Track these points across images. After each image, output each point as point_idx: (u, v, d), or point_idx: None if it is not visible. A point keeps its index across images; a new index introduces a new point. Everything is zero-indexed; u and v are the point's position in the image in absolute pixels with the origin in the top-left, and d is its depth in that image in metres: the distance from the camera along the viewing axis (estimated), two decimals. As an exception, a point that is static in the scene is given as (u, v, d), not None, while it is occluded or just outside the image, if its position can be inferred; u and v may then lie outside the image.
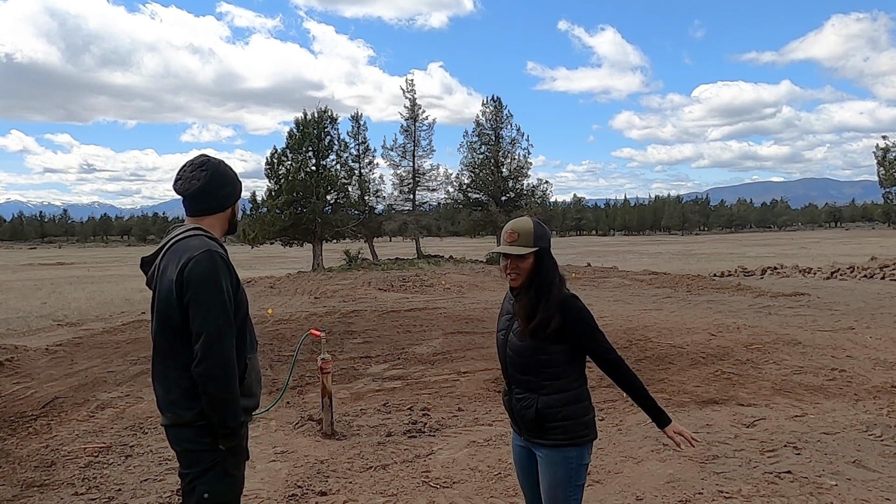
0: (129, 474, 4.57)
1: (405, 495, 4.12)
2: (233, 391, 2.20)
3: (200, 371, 2.15)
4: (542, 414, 2.38)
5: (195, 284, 2.18)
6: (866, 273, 20.23)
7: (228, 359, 2.18)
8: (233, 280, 2.29)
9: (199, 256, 2.21)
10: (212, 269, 2.21)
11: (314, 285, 20.83)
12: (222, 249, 2.32)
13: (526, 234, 2.39)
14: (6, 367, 7.96)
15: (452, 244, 65.86)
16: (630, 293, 16.46)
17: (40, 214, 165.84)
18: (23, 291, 22.40)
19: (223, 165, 2.44)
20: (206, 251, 2.23)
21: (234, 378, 2.21)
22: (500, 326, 2.57)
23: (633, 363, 7.75)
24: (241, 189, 2.51)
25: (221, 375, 2.16)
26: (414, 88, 38.06)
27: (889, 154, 34.34)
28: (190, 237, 2.31)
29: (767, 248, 51.40)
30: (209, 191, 2.38)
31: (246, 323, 2.37)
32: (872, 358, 7.73)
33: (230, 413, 2.20)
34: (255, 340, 2.48)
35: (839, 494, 3.91)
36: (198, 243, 2.26)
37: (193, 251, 2.23)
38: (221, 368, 2.16)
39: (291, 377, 6.50)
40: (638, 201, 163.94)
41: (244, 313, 2.36)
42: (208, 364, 2.15)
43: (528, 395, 2.43)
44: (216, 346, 2.16)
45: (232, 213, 2.49)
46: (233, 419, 2.21)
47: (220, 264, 2.23)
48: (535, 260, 2.40)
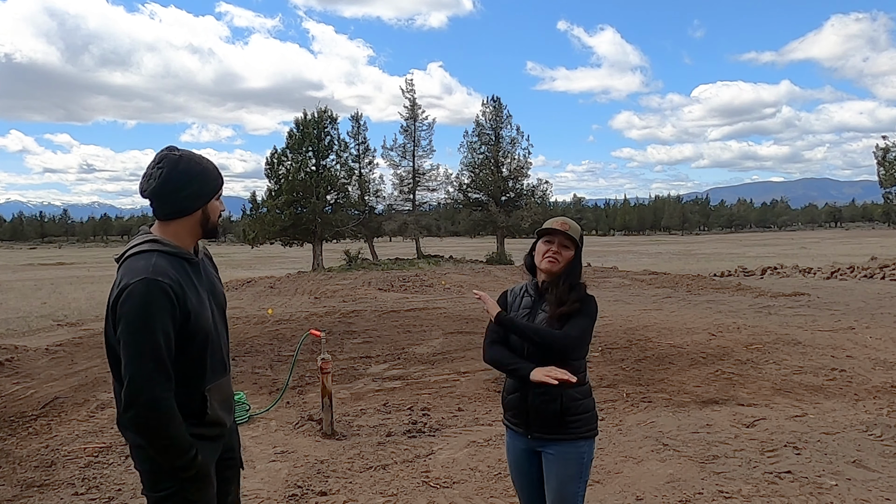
0: (129, 474, 4.57)
1: (405, 495, 4.12)
2: (168, 435, 1.98)
3: (128, 420, 1.97)
4: (567, 407, 2.43)
5: (124, 322, 1.94)
6: (866, 273, 20.22)
7: (158, 406, 1.95)
8: (177, 313, 1.99)
9: (134, 287, 1.93)
10: (144, 305, 1.93)
11: (314, 285, 20.83)
12: (173, 274, 2.01)
13: (575, 228, 2.58)
14: (6, 367, 7.96)
15: (452, 244, 65.85)
16: (630, 293, 16.46)
17: (40, 214, 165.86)
18: (23, 291, 22.40)
19: (185, 161, 2.08)
20: (143, 280, 1.94)
21: (169, 422, 1.97)
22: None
23: (633, 363, 7.76)
24: (214, 187, 2.15)
25: (154, 423, 1.95)
26: (414, 88, 38.14)
27: (889, 154, 34.34)
28: (139, 253, 2.03)
29: (767, 248, 51.40)
30: (166, 192, 2.05)
31: (204, 352, 2.11)
32: (872, 358, 7.73)
33: (171, 455, 2.01)
34: (225, 361, 2.26)
35: (839, 494, 3.91)
36: (142, 265, 1.98)
37: (132, 276, 1.95)
38: (151, 416, 1.95)
39: (291, 377, 6.51)
40: (638, 201, 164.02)
41: (203, 341, 2.10)
42: (135, 412, 1.94)
43: (552, 389, 2.43)
44: (142, 395, 1.93)
45: (203, 217, 2.14)
46: (176, 459, 2.01)
47: (155, 299, 1.94)
48: (574, 254, 2.57)
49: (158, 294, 1.95)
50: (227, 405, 2.26)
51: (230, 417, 2.29)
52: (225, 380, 2.26)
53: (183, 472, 2.05)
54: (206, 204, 2.14)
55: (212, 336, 2.15)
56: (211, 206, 2.16)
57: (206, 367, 2.13)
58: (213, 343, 2.16)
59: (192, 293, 2.07)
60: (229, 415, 2.28)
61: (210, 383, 2.15)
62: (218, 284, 2.33)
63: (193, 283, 2.11)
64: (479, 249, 43.44)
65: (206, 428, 2.14)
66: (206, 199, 2.13)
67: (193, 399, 2.10)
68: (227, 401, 2.26)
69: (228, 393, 2.29)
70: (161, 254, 2.04)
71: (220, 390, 2.21)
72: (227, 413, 2.25)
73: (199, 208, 2.13)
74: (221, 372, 2.23)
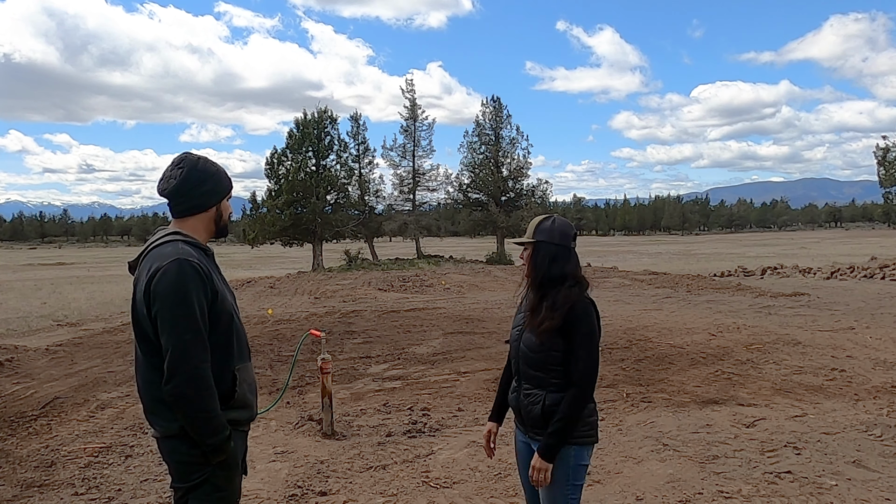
0: (129, 474, 4.57)
1: (405, 495, 4.12)
2: (207, 408, 2.08)
3: (169, 390, 2.06)
4: (549, 410, 2.40)
5: (161, 298, 2.07)
6: (866, 273, 20.23)
7: (198, 375, 2.06)
8: (208, 290, 2.14)
9: (167, 267, 2.08)
10: (179, 280, 2.07)
11: (314, 285, 20.83)
12: (198, 256, 2.17)
13: (532, 226, 2.51)
14: (6, 367, 7.96)
15: (452, 244, 65.87)
16: (630, 293, 16.45)
17: (40, 214, 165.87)
18: (23, 291, 22.40)
19: (203, 162, 2.29)
20: (175, 261, 2.09)
21: (208, 394, 2.08)
22: (515, 323, 2.61)
23: (633, 363, 7.76)
24: (227, 187, 2.35)
25: (192, 394, 2.05)
26: (414, 88, 38.11)
27: (889, 154, 34.37)
28: (164, 243, 2.18)
29: (767, 248, 51.41)
30: (186, 189, 2.24)
31: (231, 333, 2.24)
32: (872, 358, 7.73)
33: (208, 430, 2.09)
34: (248, 348, 2.36)
35: (839, 494, 3.91)
36: (170, 251, 2.14)
37: (163, 260, 2.10)
38: (191, 386, 2.05)
39: (291, 377, 6.50)
40: (638, 201, 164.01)
41: (228, 322, 2.23)
42: (176, 383, 2.04)
43: (536, 391, 2.44)
44: (184, 364, 2.04)
45: (217, 214, 2.33)
46: (212, 436, 2.10)
47: (189, 275, 2.09)
48: (532, 251, 2.49)
49: (191, 271, 2.11)
50: (254, 390, 2.37)
51: (256, 403, 2.38)
52: (251, 365, 2.38)
53: (215, 454, 2.13)
54: (221, 202, 2.33)
55: (236, 320, 2.30)
56: (224, 204, 2.35)
57: (234, 348, 2.25)
58: (238, 327, 2.30)
59: (216, 275, 2.25)
60: (255, 400, 2.38)
61: (239, 364, 2.26)
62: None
63: (216, 270, 2.29)
64: (479, 249, 43.45)
65: (236, 412, 2.23)
66: (220, 197, 2.32)
67: (225, 377, 2.20)
68: (253, 385, 2.37)
69: (253, 379, 2.40)
70: (186, 243, 2.21)
71: (248, 373, 2.33)
72: (254, 397, 2.35)
73: (215, 205, 2.32)
74: (248, 356, 2.35)
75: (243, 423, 2.29)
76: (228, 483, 2.21)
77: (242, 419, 2.27)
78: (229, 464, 2.18)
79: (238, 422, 2.25)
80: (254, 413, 2.34)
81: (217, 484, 2.17)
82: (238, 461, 2.24)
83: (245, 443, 2.38)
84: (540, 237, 2.47)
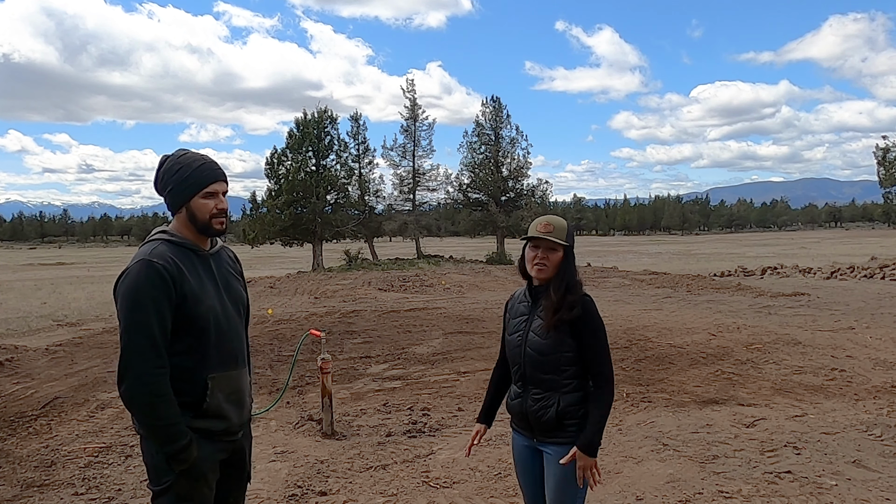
0: (129, 474, 4.57)
1: (405, 495, 4.12)
2: (158, 415, 2.02)
3: (120, 394, 2.04)
4: (564, 413, 2.40)
5: (119, 299, 2.06)
6: (866, 273, 20.23)
7: (148, 381, 2.01)
8: (173, 293, 2.07)
9: (130, 268, 2.07)
10: (136, 283, 2.03)
11: (314, 285, 20.83)
12: (173, 258, 2.10)
13: (560, 228, 2.45)
14: (6, 367, 7.96)
15: (452, 244, 65.86)
16: (630, 293, 16.46)
17: (40, 214, 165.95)
18: (23, 291, 22.40)
19: (170, 160, 2.22)
20: (139, 262, 2.06)
21: (160, 401, 2.02)
22: (514, 329, 2.55)
23: (633, 363, 7.76)
24: (194, 185, 2.18)
25: (140, 400, 2.01)
26: (414, 88, 38.08)
27: (889, 154, 34.38)
28: (145, 243, 2.18)
29: (767, 248, 51.41)
30: (158, 190, 2.24)
31: (206, 338, 2.14)
32: (872, 358, 7.73)
33: (162, 438, 2.04)
34: (240, 355, 2.28)
35: (839, 494, 3.91)
36: (142, 251, 2.13)
37: (132, 261, 2.09)
38: (139, 392, 2.01)
39: (291, 377, 6.50)
40: (638, 201, 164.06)
41: (203, 328, 2.13)
42: (126, 386, 2.02)
43: (548, 394, 2.42)
44: (132, 369, 2.01)
45: (188, 213, 2.20)
46: (167, 444, 2.04)
47: (148, 277, 2.03)
48: (564, 255, 2.46)
49: (152, 274, 2.04)
50: (236, 400, 2.26)
51: (240, 414, 2.28)
52: (237, 374, 2.27)
53: (175, 461, 2.07)
54: (189, 202, 2.19)
55: (220, 325, 2.19)
56: (195, 203, 2.19)
57: (208, 355, 2.15)
58: (222, 333, 2.20)
59: (193, 279, 2.14)
60: (239, 410, 2.27)
61: (215, 372, 2.17)
62: (235, 282, 2.36)
63: (198, 272, 2.19)
64: (479, 249, 43.44)
65: (207, 421, 2.14)
66: (186, 198, 2.19)
67: (195, 386, 2.13)
68: (236, 395, 2.26)
69: (240, 388, 2.28)
70: (167, 242, 2.16)
71: (228, 382, 2.22)
72: (234, 407, 2.25)
73: (182, 206, 2.20)
74: (232, 365, 2.25)
75: (218, 433, 2.19)
76: (191, 492, 2.13)
77: (216, 429, 2.18)
78: (193, 473, 2.11)
79: (210, 432, 2.16)
80: (234, 423, 2.24)
81: (179, 493, 2.11)
82: (205, 472, 2.14)
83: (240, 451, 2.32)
84: (571, 241, 2.48)
